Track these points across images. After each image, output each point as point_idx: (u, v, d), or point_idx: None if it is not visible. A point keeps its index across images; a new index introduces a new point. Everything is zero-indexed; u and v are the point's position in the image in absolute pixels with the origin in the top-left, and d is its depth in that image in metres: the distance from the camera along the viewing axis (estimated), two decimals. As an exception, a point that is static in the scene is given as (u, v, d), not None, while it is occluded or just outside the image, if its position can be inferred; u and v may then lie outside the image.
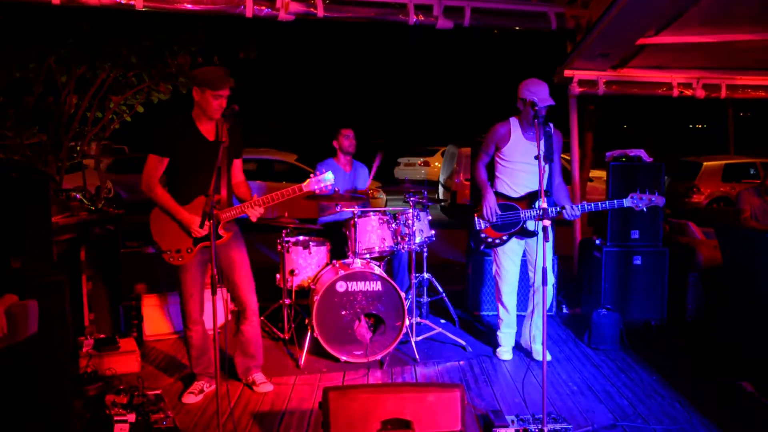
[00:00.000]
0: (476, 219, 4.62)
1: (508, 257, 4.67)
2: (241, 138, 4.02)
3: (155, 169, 3.83)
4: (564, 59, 6.34)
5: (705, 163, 13.77)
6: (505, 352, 4.83)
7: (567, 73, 6.36)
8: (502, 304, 4.79)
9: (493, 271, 4.83)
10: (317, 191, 3.84)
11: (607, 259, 5.45)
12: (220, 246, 3.93)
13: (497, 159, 4.63)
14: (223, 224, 3.86)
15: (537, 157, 3.66)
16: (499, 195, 4.58)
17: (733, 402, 4.05)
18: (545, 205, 3.54)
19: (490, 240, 4.61)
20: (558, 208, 4.41)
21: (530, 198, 4.50)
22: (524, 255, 4.79)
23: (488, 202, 4.53)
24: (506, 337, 4.86)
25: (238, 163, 4.07)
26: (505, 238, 4.59)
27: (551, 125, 4.38)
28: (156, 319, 5.20)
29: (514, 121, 4.55)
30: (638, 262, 5.44)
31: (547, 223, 3.44)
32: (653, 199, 4.25)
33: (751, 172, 13.51)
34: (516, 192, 4.55)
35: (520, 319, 4.95)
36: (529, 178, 4.51)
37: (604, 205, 4.39)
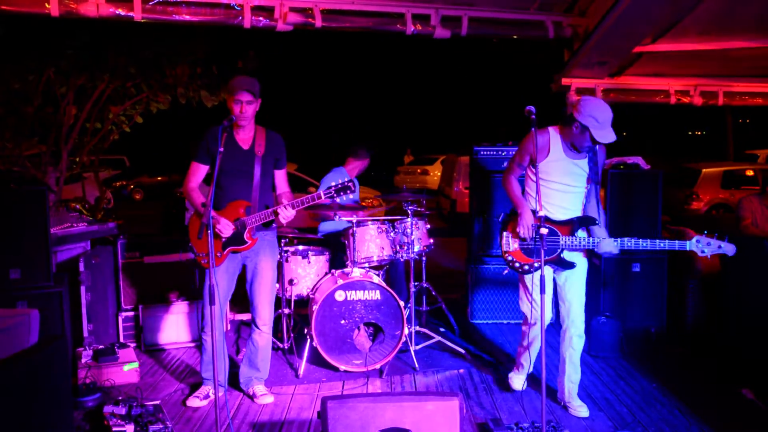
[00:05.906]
0: (505, 236, 4.05)
1: (538, 288, 3.76)
2: (281, 149, 4.10)
3: (193, 175, 4.02)
4: (562, 67, 6.36)
5: (704, 170, 13.78)
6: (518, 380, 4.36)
7: (565, 81, 6.38)
8: (526, 349, 4.22)
9: (521, 305, 4.20)
10: (337, 201, 3.88)
11: (606, 267, 5.45)
12: (248, 252, 4.02)
13: (530, 173, 4.02)
14: (249, 230, 3.91)
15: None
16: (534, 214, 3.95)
17: (733, 409, 4.04)
18: (543, 213, 3.44)
19: (517, 265, 4.02)
20: (594, 240, 3.87)
21: (574, 224, 3.90)
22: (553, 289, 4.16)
23: (525, 220, 3.92)
24: (518, 378, 4.38)
25: (280, 174, 4.16)
26: (536, 265, 3.92)
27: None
28: (156, 330, 5.19)
29: (554, 133, 3.90)
30: (637, 269, 5.43)
31: (545, 231, 3.39)
32: (722, 246, 3.64)
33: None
34: (549, 213, 3.89)
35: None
36: (566, 199, 3.92)
37: (662, 245, 3.74)
